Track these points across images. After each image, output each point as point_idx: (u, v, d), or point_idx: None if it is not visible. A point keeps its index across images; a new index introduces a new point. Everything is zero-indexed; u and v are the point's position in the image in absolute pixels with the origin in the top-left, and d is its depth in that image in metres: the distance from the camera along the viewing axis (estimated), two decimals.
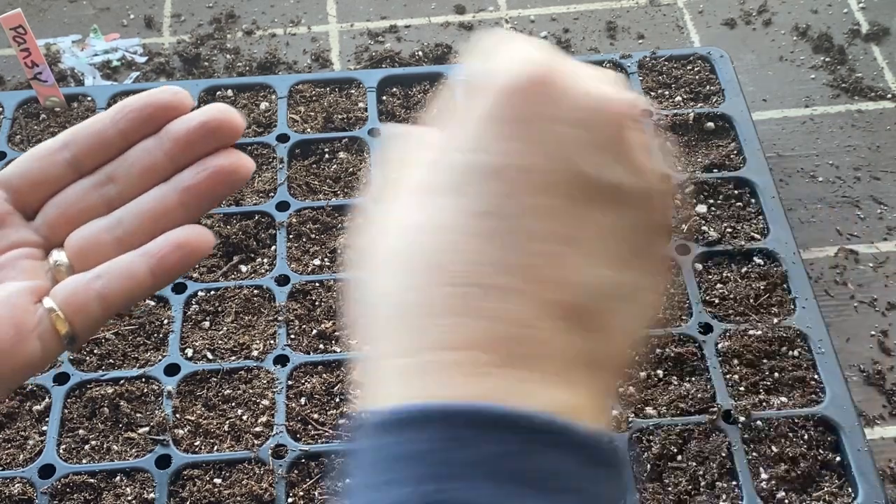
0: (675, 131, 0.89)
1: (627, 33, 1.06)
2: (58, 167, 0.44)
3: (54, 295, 0.41)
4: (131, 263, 0.41)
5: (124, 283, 0.41)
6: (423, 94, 0.93)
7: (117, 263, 0.41)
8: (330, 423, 0.72)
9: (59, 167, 0.44)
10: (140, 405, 0.73)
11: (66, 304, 0.41)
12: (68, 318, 0.41)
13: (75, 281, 0.42)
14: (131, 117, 0.43)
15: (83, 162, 0.44)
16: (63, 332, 0.41)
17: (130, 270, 0.41)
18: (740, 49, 1.04)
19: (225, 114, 0.44)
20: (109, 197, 0.44)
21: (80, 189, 0.44)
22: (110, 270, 0.41)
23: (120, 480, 0.70)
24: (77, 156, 0.44)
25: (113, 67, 1.03)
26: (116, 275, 0.41)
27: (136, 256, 0.41)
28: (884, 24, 1.06)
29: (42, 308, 0.41)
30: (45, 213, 0.44)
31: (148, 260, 0.41)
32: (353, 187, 0.86)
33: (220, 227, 0.82)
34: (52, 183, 0.44)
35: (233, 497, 0.68)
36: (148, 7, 1.09)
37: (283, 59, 1.04)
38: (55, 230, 0.44)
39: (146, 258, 0.41)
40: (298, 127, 0.90)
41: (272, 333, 0.77)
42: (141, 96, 0.44)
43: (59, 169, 0.44)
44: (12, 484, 0.69)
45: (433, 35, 1.06)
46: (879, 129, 0.97)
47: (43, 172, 0.44)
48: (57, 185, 0.44)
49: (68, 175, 0.44)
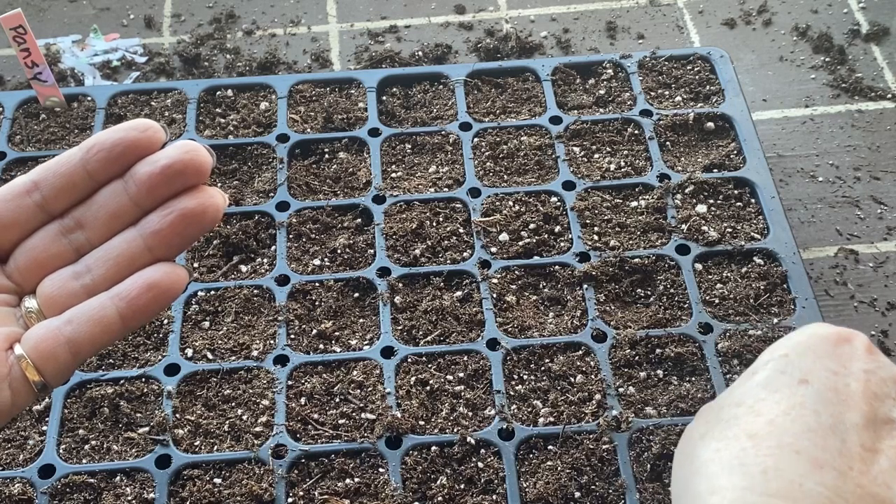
0: (675, 131, 0.89)
1: (627, 33, 1.06)
2: (28, 210, 0.43)
3: (25, 341, 0.41)
4: (101, 308, 0.41)
5: (93, 329, 0.40)
6: (423, 94, 0.93)
7: (87, 307, 0.41)
8: (330, 423, 0.72)
9: (29, 210, 0.43)
10: (140, 405, 0.73)
11: (35, 351, 0.40)
12: (38, 366, 0.40)
13: (45, 327, 0.41)
14: (100, 157, 0.43)
15: (52, 205, 0.43)
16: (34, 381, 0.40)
17: (100, 315, 0.40)
18: (740, 49, 1.04)
19: (191, 154, 0.42)
20: (79, 243, 0.43)
21: (50, 235, 0.43)
22: (79, 315, 0.41)
23: (120, 480, 0.70)
24: (47, 198, 0.43)
25: (113, 67, 1.03)
26: (85, 320, 0.41)
27: (106, 299, 0.41)
28: (884, 24, 1.06)
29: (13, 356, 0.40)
30: (16, 258, 0.44)
31: (117, 303, 0.40)
32: (354, 187, 0.86)
33: (220, 227, 0.82)
34: (23, 225, 0.44)
35: (233, 497, 0.68)
36: (148, 7, 1.09)
37: (283, 59, 1.04)
38: (26, 276, 0.43)
39: (115, 301, 0.41)
40: (298, 127, 0.90)
41: (272, 333, 0.77)
42: (112, 132, 0.43)
43: (30, 212, 0.43)
44: (12, 484, 0.69)
45: (433, 35, 1.06)
46: (879, 129, 0.97)
47: (13, 215, 0.43)
48: (27, 227, 0.44)
49: (38, 217, 0.44)
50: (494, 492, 0.69)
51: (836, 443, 0.40)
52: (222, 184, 0.87)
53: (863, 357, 0.44)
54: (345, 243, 0.82)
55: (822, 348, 0.44)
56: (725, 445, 0.41)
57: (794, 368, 0.43)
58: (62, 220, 0.43)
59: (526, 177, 0.86)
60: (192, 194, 0.42)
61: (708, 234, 0.82)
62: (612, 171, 0.86)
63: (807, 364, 0.43)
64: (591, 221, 0.83)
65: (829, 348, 0.44)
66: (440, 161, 0.88)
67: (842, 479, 0.39)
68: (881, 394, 0.42)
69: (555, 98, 0.92)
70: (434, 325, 0.77)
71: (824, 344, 0.44)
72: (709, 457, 0.41)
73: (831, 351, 0.44)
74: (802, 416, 0.41)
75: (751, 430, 0.41)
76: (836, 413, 0.41)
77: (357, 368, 0.75)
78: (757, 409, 0.42)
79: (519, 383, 0.74)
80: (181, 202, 0.42)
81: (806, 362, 0.43)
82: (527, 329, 0.77)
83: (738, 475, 0.39)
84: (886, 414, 0.41)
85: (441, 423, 0.72)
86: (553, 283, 0.80)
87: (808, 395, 0.41)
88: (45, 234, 0.43)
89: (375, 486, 0.69)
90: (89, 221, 0.43)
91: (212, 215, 0.42)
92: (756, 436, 0.41)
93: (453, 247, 0.82)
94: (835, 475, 0.39)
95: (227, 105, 0.92)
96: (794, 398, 0.42)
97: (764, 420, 0.41)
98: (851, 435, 0.40)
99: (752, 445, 0.40)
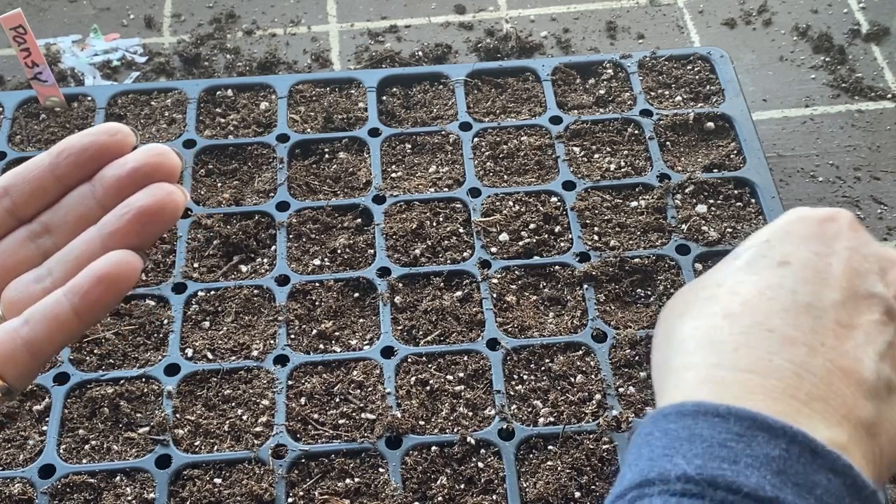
0: (676, 131, 0.89)
1: (627, 33, 1.06)
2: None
3: None
4: (55, 305, 0.40)
5: (49, 327, 0.40)
6: (423, 94, 0.93)
7: (42, 306, 0.41)
8: (330, 423, 0.72)
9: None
10: (140, 405, 0.73)
11: None
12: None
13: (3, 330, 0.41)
14: (69, 161, 0.43)
15: (22, 210, 0.43)
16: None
17: (55, 313, 0.40)
18: (740, 49, 1.04)
19: (159, 157, 0.42)
20: (46, 247, 0.43)
21: (18, 240, 0.43)
22: (35, 315, 0.40)
23: (120, 480, 0.70)
24: (17, 203, 0.43)
25: (113, 67, 1.03)
26: (40, 318, 0.40)
27: (61, 296, 0.40)
28: (884, 24, 1.06)
29: None
30: None
31: (71, 299, 0.40)
32: (354, 187, 0.86)
33: (220, 227, 0.82)
34: None
35: (233, 497, 0.68)
36: (148, 7, 1.09)
37: (283, 59, 1.04)
38: None
39: (69, 297, 0.40)
40: (298, 127, 0.90)
41: (272, 333, 0.77)
42: (81, 136, 0.43)
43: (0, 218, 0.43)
44: (12, 484, 0.69)
45: (433, 35, 1.06)
46: (879, 129, 0.97)
47: None
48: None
49: (7, 223, 0.43)
50: (494, 492, 0.69)
51: (810, 321, 0.41)
52: (222, 184, 0.87)
53: (846, 235, 0.44)
54: (345, 243, 0.82)
55: (806, 229, 0.45)
56: (702, 323, 0.42)
57: (775, 252, 0.44)
58: (30, 226, 0.44)
59: (526, 177, 0.86)
60: (149, 190, 0.42)
61: (708, 234, 0.82)
62: (612, 171, 0.86)
63: (789, 247, 0.44)
64: (591, 221, 0.83)
65: (814, 228, 0.45)
66: (440, 161, 0.88)
67: (811, 355, 0.40)
68: (863, 270, 0.43)
69: (555, 98, 0.92)
70: (434, 325, 0.77)
71: (808, 225, 0.45)
72: (686, 334, 0.43)
73: (815, 231, 0.44)
74: (779, 295, 0.42)
75: (727, 309, 0.42)
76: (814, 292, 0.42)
77: (357, 368, 0.75)
78: (735, 289, 0.43)
79: (519, 383, 0.74)
80: (138, 200, 0.41)
81: (788, 245, 0.44)
82: (527, 329, 0.77)
83: (711, 352, 0.41)
84: (867, 289, 0.42)
85: (441, 423, 0.72)
86: (553, 283, 0.80)
87: (786, 276, 0.43)
88: (12, 240, 0.43)
89: (375, 486, 0.69)
90: (57, 226, 0.43)
91: (170, 213, 0.41)
92: (731, 315, 0.42)
93: (453, 247, 0.82)
94: (805, 351, 0.40)
95: (227, 105, 0.92)
96: (772, 279, 0.43)
97: (740, 300, 0.42)
98: (828, 312, 0.41)
99: (727, 324, 0.42)
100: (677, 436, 0.38)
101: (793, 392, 0.39)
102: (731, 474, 0.36)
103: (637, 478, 0.38)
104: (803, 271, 0.43)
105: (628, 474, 0.38)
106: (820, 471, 0.36)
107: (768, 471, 0.36)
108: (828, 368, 0.40)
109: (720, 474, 0.36)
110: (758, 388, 0.39)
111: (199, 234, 0.83)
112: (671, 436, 0.38)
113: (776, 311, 0.41)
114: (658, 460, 0.37)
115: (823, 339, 0.41)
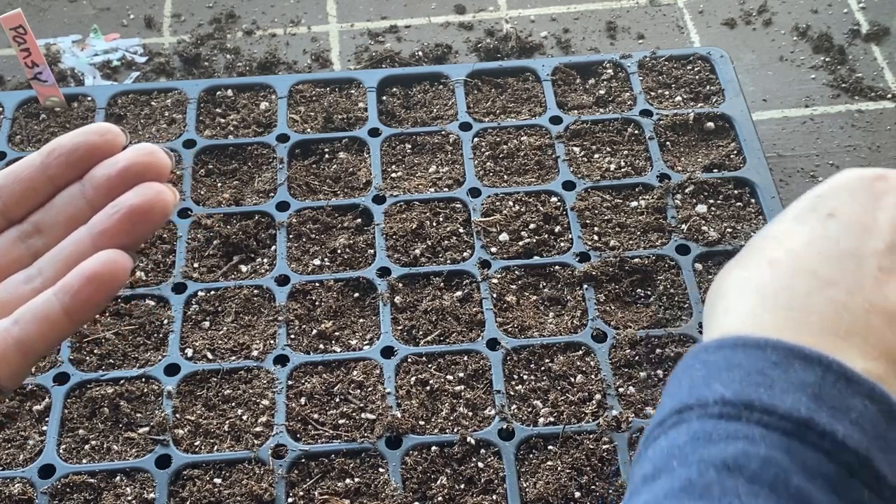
0: (675, 131, 0.89)
1: (627, 33, 1.06)
2: None
3: None
4: (45, 305, 0.40)
5: (40, 327, 0.40)
6: (423, 94, 0.93)
7: (32, 305, 0.41)
8: (330, 423, 0.72)
9: None
10: (140, 405, 0.73)
11: None
12: None
13: None
14: (60, 161, 0.43)
15: (13, 211, 0.43)
16: None
17: (45, 312, 0.40)
18: (740, 49, 1.04)
19: (149, 156, 0.42)
20: (36, 248, 0.43)
21: (8, 241, 0.43)
22: (25, 314, 0.41)
23: (120, 480, 0.70)
24: (7, 204, 0.43)
25: (113, 67, 1.03)
26: (30, 318, 0.40)
27: (51, 295, 0.41)
28: (884, 24, 1.06)
29: None
30: None
31: (61, 298, 0.40)
32: (354, 187, 0.86)
33: (220, 227, 0.82)
34: None
35: (233, 497, 0.68)
36: (148, 7, 1.09)
37: (283, 59, 1.04)
38: None
39: (59, 296, 0.40)
40: (298, 127, 0.90)
41: (272, 333, 0.77)
42: (71, 136, 0.43)
43: None
44: (12, 484, 0.69)
45: (433, 35, 1.06)
46: (879, 129, 0.97)
47: None
48: None
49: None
50: (494, 492, 0.69)
51: (852, 266, 0.42)
52: (222, 184, 0.87)
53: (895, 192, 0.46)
54: (345, 243, 0.82)
55: (857, 185, 0.46)
56: (747, 273, 0.44)
57: (824, 205, 0.45)
58: (21, 226, 0.44)
59: (526, 177, 0.86)
60: (138, 190, 0.42)
61: (708, 234, 0.82)
62: (612, 171, 0.86)
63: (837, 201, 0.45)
64: (591, 221, 0.83)
65: (866, 184, 0.46)
66: (440, 161, 0.88)
67: (851, 296, 0.41)
68: None
69: (555, 98, 0.92)
70: (434, 325, 0.77)
71: (860, 181, 0.46)
72: (731, 282, 0.44)
73: (867, 186, 0.46)
74: (824, 244, 0.43)
75: (771, 257, 0.44)
76: (858, 240, 0.43)
77: (357, 368, 0.75)
78: (781, 239, 0.45)
79: (519, 383, 0.74)
80: (128, 199, 0.41)
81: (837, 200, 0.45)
82: (527, 329, 0.77)
83: (753, 296, 0.43)
84: None
85: (441, 423, 0.72)
86: (553, 283, 0.80)
87: (832, 227, 0.44)
88: (3, 241, 0.43)
89: (375, 486, 0.69)
90: (47, 226, 0.43)
91: (160, 212, 0.41)
92: (774, 261, 0.43)
93: (453, 247, 0.82)
94: (844, 291, 0.41)
95: (227, 105, 0.92)
96: (818, 229, 0.44)
97: (785, 248, 0.44)
98: (870, 259, 0.43)
99: (770, 270, 0.43)
100: (716, 366, 0.39)
101: (831, 328, 0.40)
102: (768, 398, 0.37)
103: (676, 405, 0.39)
104: (849, 223, 0.44)
105: (668, 403, 0.40)
106: (855, 396, 0.37)
107: (803, 395, 0.37)
108: (866, 308, 0.41)
109: (756, 398, 0.37)
110: (796, 324, 0.41)
111: (199, 234, 0.83)
112: (710, 366, 0.40)
113: (819, 258, 0.43)
114: (697, 388, 0.39)
115: (864, 282, 0.42)
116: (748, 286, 0.43)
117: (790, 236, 0.45)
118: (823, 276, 0.42)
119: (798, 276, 0.42)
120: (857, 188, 0.46)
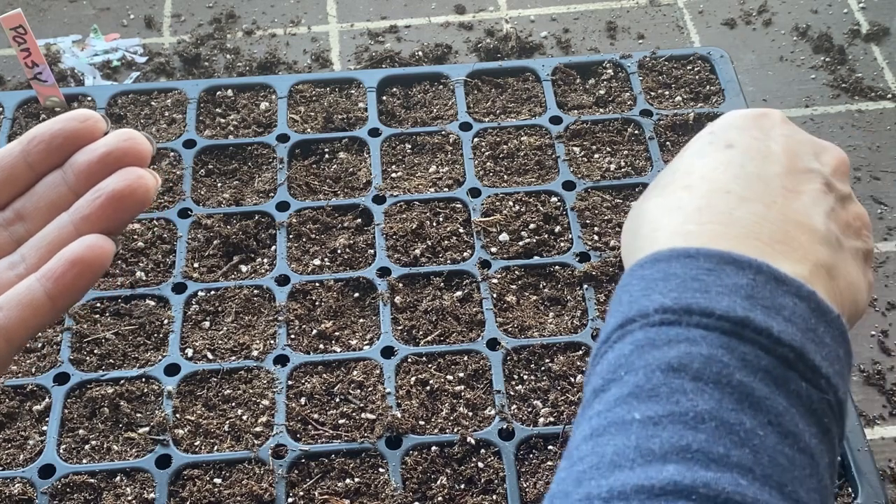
0: (675, 131, 0.89)
1: (627, 33, 1.06)
2: None
3: None
4: (28, 290, 0.41)
5: (23, 313, 0.40)
6: (423, 94, 0.93)
7: (15, 291, 0.41)
8: (330, 423, 0.72)
9: None
10: (140, 405, 0.73)
11: None
12: None
13: None
14: (40, 148, 0.43)
15: None
16: None
17: (28, 298, 0.40)
18: (740, 49, 1.04)
19: (130, 141, 0.43)
20: (19, 235, 0.43)
21: None
22: (8, 301, 0.41)
23: (120, 480, 0.70)
24: None
25: (113, 67, 1.03)
26: (14, 304, 0.41)
27: (34, 280, 0.41)
28: (884, 24, 1.06)
29: None
30: None
31: (44, 283, 0.40)
32: (354, 187, 0.86)
33: (220, 227, 0.82)
34: None
35: (233, 497, 0.68)
36: (148, 7, 1.09)
37: (283, 59, 1.04)
38: None
39: (42, 281, 0.41)
40: (298, 127, 0.90)
41: (272, 333, 0.77)
42: (51, 123, 0.43)
43: None
44: (12, 484, 0.69)
45: (433, 35, 1.06)
46: (879, 129, 0.97)
47: None
48: None
49: None
50: (494, 492, 0.69)
51: (761, 185, 0.46)
52: (222, 184, 0.87)
53: (780, 125, 0.50)
54: (345, 243, 0.82)
55: (744, 122, 0.50)
56: (664, 200, 0.47)
57: (719, 139, 0.49)
58: (3, 213, 0.44)
59: (526, 177, 0.86)
60: (119, 175, 0.42)
61: None
62: (613, 171, 0.86)
63: (731, 134, 0.49)
64: (591, 221, 0.83)
65: (751, 121, 0.50)
66: (440, 161, 0.88)
67: (767, 209, 0.44)
68: (799, 151, 0.48)
69: (555, 98, 0.92)
70: (434, 325, 0.77)
71: (745, 118, 0.50)
72: (651, 208, 0.47)
73: (753, 122, 0.50)
74: (730, 168, 0.47)
75: (686, 182, 0.47)
76: (760, 165, 0.47)
77: (357, 368, 0.75)
78: (689, 170, 0.48)
79: (519, 383, 0.74)
80: (109, 184, 0.42)
81: (730, 133, 0.49)
82: (527, 329, 0.77)
83: (677, 214, 0.45)
84: (805, 165, 0.47)
85: (441, 423, 0.72)
86: (553, 283, 0.80)
87: (734, 155, 0.47)
88: None
89: (375, 486, 0.69)
90: (29, 213, 0.43)
91: (141, 196, 0.42)
92: (690, 186, 0.46)
93: (453, 247, 0.82)
94: (761, 206, 0.44)
95: (227, 105, 0.92)
96: (721, 158, 0.47)
97: (697, 174, 0.47)
98: (774, 180, 0.46)
99: (687, 193, 0.46)
100: (653, 278, 0.41)
101: (756, 236, 0.43)
102: (705, 301, 0.39)
103: (619, 319, 0.41)
104: (748, 150, 0.47)
105: (611, 320, 0.42)
106: (786, 295, 0.40)
107: (738, 296, 0.39)
108: (783, 219, 0.44)
109: (694, 302, 0.39)
110: (723, 234, 0.43)
111: (199, 234, 0.83)
112: (647, 280, 0.42)
113: (730, 179, 0.46)
114: (637, 301, 0.41)
115: (774, 198, 0.45)
116: (671, 208, 0.46)
117: (697, 167, 0.48)
118: (738, 193, 0.45)
119: (715, 195, 0.45)
120: (746, 125, 0.49)
